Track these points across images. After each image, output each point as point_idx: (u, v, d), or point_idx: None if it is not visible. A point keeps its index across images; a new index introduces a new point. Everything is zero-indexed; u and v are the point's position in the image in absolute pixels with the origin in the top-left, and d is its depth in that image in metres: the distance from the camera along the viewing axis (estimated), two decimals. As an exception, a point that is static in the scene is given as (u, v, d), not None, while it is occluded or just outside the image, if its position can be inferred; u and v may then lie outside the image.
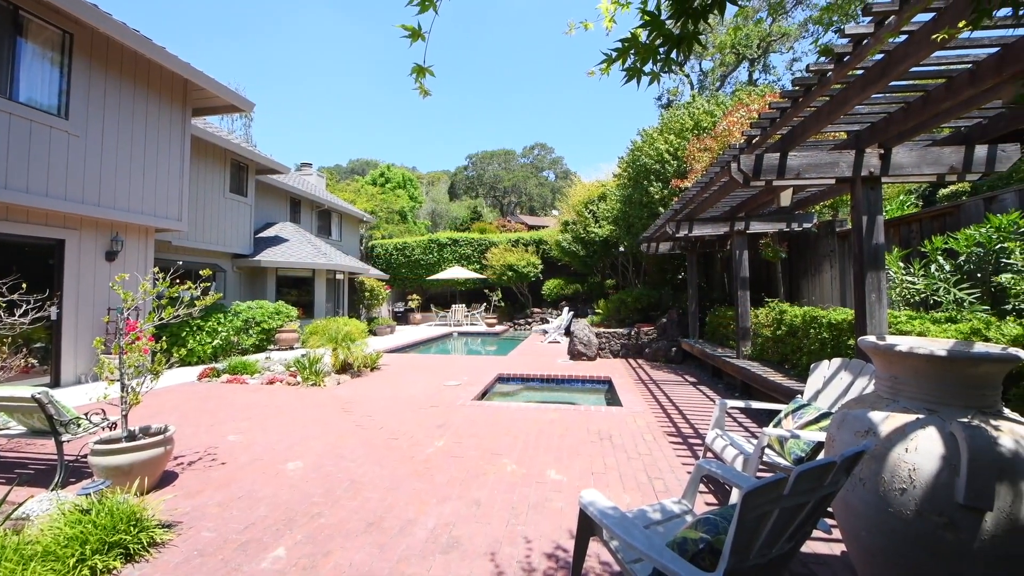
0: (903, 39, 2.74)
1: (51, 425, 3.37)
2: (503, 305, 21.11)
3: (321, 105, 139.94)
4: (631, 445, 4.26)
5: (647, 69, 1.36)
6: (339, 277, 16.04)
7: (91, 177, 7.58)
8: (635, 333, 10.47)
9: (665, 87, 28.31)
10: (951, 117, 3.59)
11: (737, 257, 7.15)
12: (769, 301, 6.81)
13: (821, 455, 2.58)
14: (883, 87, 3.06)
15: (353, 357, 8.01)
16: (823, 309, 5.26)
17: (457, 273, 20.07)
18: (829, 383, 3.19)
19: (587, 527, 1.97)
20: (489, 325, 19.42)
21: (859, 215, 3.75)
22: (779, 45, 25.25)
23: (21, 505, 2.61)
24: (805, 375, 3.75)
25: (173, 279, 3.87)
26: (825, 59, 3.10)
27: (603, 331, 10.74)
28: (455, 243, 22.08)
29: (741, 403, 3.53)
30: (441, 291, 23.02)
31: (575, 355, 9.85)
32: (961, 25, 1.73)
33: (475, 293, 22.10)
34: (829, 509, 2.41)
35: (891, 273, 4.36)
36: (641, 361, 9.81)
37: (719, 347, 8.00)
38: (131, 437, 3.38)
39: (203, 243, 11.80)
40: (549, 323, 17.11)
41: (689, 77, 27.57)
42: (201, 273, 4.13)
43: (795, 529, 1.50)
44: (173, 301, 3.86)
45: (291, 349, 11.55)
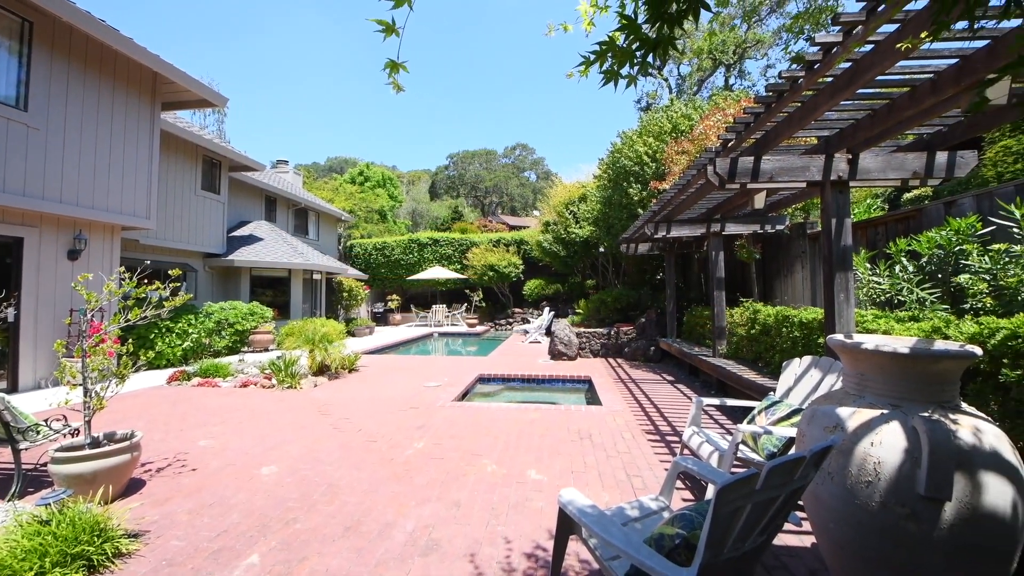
0: (870, 48, 2.84)
1: (7, 432, 3.21)
2: (484, 305, 21.07)
3: (298, 101, 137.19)
4: (610, 444, 4.31)
5: (624, 72, 1.38)
6: (316, 277, 15.75)
7: (52, 172, 7.24)
8: (615, 333, 10.59)
9: (644, 90, 28.75)
10: (914, 124, 3.74)
11: (713, 258, 7.31)
12: (744, 301, 6.98)
13: (793, 450, 2.65)
14: (851, 94, 3.17)
15: (331, 359, 7.87)
16: (795, 309, 5.42)
17: (438, 273, 19.94)
18: (800, 380, 3.28)
19: (566, 526, 1.98)
20: (470, 325, 19.35)
21: (828, 218, 3.88)
22: (754, 52, 25.93)
23: (-27, 517, 2.48)
24: (778, 373, 3.86)
25: (141, 279, 3.73)
26: (797, 66, 3.19)
27: (583, 331, 10.83)
28: (436, 243, 21.93)
29: (717, 401, 3.60)
30: (421, 291, 22.83)
31: (556, 355, 9.90)
32: (923, 36, 1.81)
33: (456, 293, 22.00)
34: (800, 502, 2.49)
35: (859, 274, 4.52)
36: (621, 360, 9.93)
37: (696, 346, 8.16)
38: (95, 444, 3.25)
39: (173, 242, 11.42)
40: (530, 323, 17.15)
41: (668, 81, 28.05)
42: (170, 273, 3.99)
43: (767, 522, 1.54)
44: (140, 302, 3.71)
45: (266, 351, 11.28)
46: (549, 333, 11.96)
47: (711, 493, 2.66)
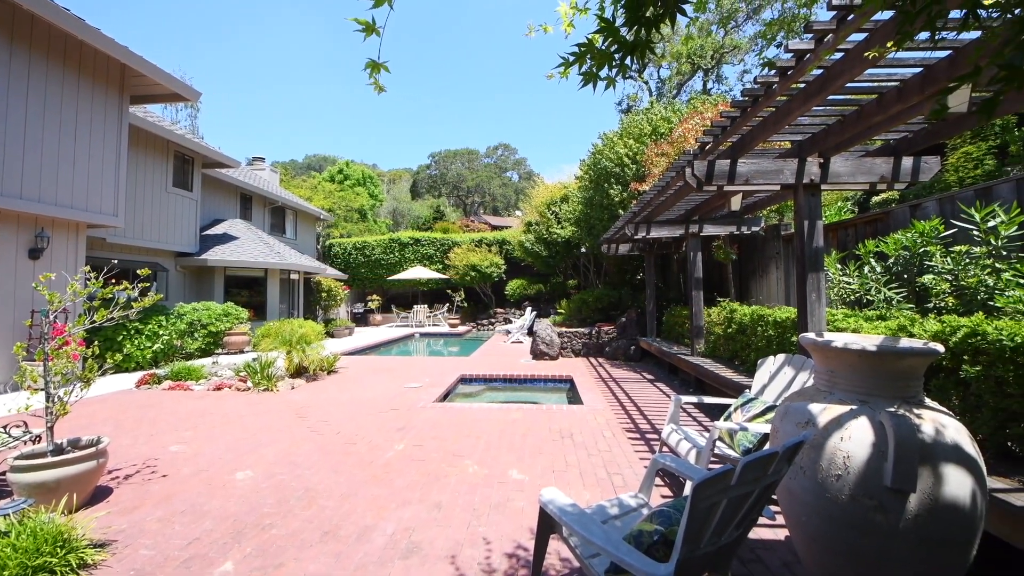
0: (840, 56, 2.94)
1: (-39, 440, 3.04)
2: (466, 305, 21.00)
3: (275, 97, 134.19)
4: (591, 442, 4.34)
5: (603, 74, 1.39)
6: (294, 277, 15.44)
7: (11, 167, 6.91)
8: (596, 332, 10.69)
9: (625, 93, 29.10)
10: (882, 130, 3.88)
11: (692, 258, 7.44)
12: (721, 301, 7.13)
13: (767, 446, 2.72)
14: (822, 100, 3.27)
15: (309, 360, 7.73)
16: (770, 308, 5.56)
17: (419, 273, 19.78)
18: (774, 378, 3.37)
19: (547, 525, 1.99)
20: (452, 326, 19.26)
21: (801, 220, 3.99)
22: (731, 57, 26.51)
23: (-77, 530, 2.35)
24: (753, 370, 3.95)
25: (107, 279, 3.59)
26: (771, 72, 3.28)
27: (565, 331, 10.89)
28: (417, 243, 21.75)
29: (695, 398, 3.67)
30: (403, 291, 22.61)
31: (538, 355, 9.93)
32: (889, 45, 1.88)
33: (438, 293, 21.86)
34: (774, 497, 2.55)
35: (830, 274, 4.67)
36: (602, 360, 10.03)
37: (675, 345, 8.30)
38: (58, 451, 3.11)
39: (143, 240, 11.03)
40: (512, 323, 17.17)
41: (648, 84, 28.45)
42: (139, 272, 3.86)
43: (742, 517, 1.58)
44: (107, 303, 3.57)
45: (241, 353, 11.00)
46: (531, 333, 11.99)
47: (689, 489, 2.71)
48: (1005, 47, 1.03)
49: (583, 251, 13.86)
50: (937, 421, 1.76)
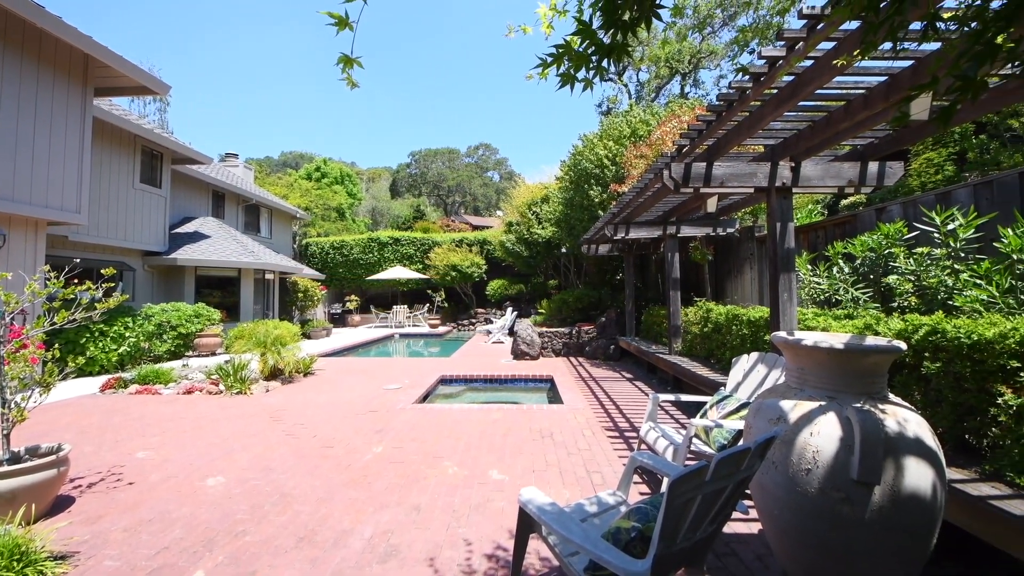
0: (810, 63, 3.03)
1: (-94, 450, 2.86)
2: (447, 306, 20.87)
3: (249, 92, 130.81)
4: (571, 441, 4.37)
5: (580, 76, 1.40)
6: (269, 277, 15.07)
7: (-37, 160, 6.55)
8: (576, 332, 10.76)
9: (605, 95, 29.40)
10: (849, 136, 4.02)
11: (669, 259, 7.57)
12: (698, 300, 7.27)
13: (741, 442, 2.78)
14: (793, 106, 3.37)
15: (284, 362, 7.55)
16: (744, 307, 5.70)
17: (399, 273, 19.56)
18: (748, 375, 3.45)
19: (526, 524, 1.99)
20: (432, 326, 19.11)
21: (774, 222, 4.11)
22: (708, 62, 27.09)
23: None
24: (728, 368, 4.05)
25: (69, 279, 3.43)
26: (745, 77, 3.36)
27: (546, 330, 10.94)
28: (397, 242, 21.52)
29: (672, 396, 3.73)
30: (382, 292, 22.33)
31: (518, 355, 9.94)
32: (856, 53, 1.94)
33: (418, 294, 21.67)
34: (747, 491, 2.61)
35: (801, 275, 4.81)
36: (582, 359, 10.11)
37: (653, 344, 8.43)
38: (14, 459, 2.96)
39: (107, 239, 10.60)
40: (493, 323, 17.15)
41: (627, 86, 28.82)
42: (103, 272, 3.70)
43: (717, 512, 1.61)
44: (69, 304, 3.42)
45: (213, 355, 10.68)
46: (512, 333, 12.00)
47: (665, 486, 2.76)
48: (960, 58, 1.08)
49: (564, 251, 13.94)
50: (900, 416, 1.83)
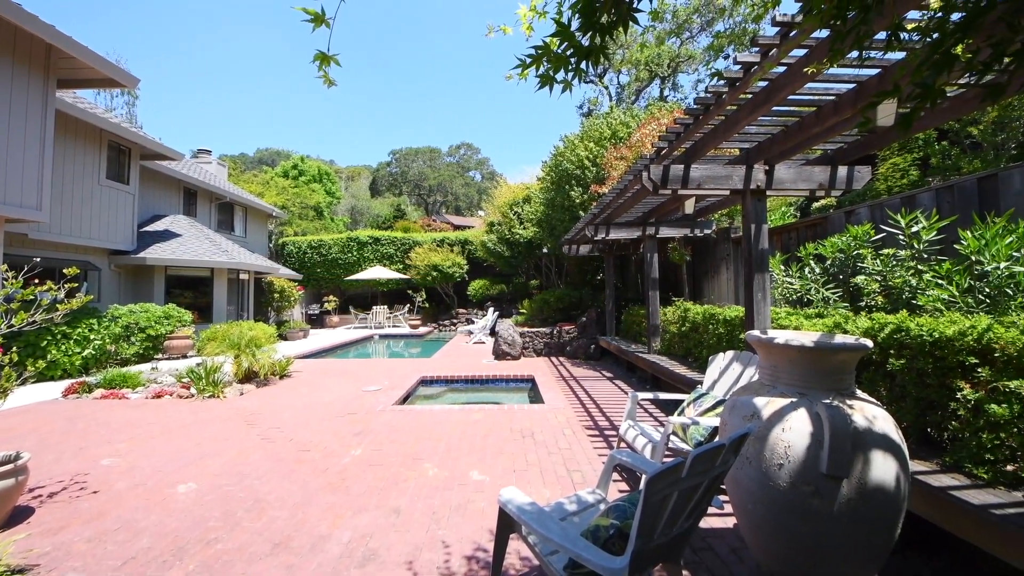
0: (783, 70, 3.12)
1: None
2: (427, 306, 20.72)
3: (223, 86, 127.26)
4: (552, 441, 4.39)
5: (559, 77, 1.41)
6: (243, 277, 14.70)
7: (-89, 153, 6.18)
8: (557, 332, 10.82)
9: (586, 96, 29.64)
10: (820, 141, 4.15)
11: (648, 259, 7.68)
12: (676, 300, 7.40)
13: (717, 438, 2.84)
14: (767, 111, 3.46)
15: (259, 364, 7.37)
16: (720, 307, 5.82)
17: (379, 273, 19.31)
18: (724, 373, 3.53)
19: (506, 525, 1.99)
20: (413, 327, 18.95)
21: (748, 223, 4.21)
22: (686, 67, 27.57)
23: None
24: (705, 367, 4.13)
25: (28, 278, 3.28)
26: (721, 82, 3.43)
27: (527, 330, 10.96)
28: (377, 242, 21.24)
29: (651, 395, 3.78)
30: (361, 292, 22.02)
31: (500, 355, 9.94)
32: (825, 61, 2.01)
33: (398, 294, 21.44)
34: (723, 487, 2.67)
35: (774, 275, 4.94)
36: (563, 359, 10.16)
37: (633, 343, 8.54)
38: (-33, 469, 2.81)
39: (71, 237, 10.16)
40: (474, 323, 17.10)
41: (608, 89, 29.12)
42: (66, 272, 3.54)
43: (693, 507, 1.64)
44: (28, 305, 3.26)
45: (184, 358, 10.35)
46: (493, 333, 11.99)
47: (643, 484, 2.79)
48: (920, 67, 1.12)
49: (545, 252, 14.01)
50: (867, 411, 1.90)
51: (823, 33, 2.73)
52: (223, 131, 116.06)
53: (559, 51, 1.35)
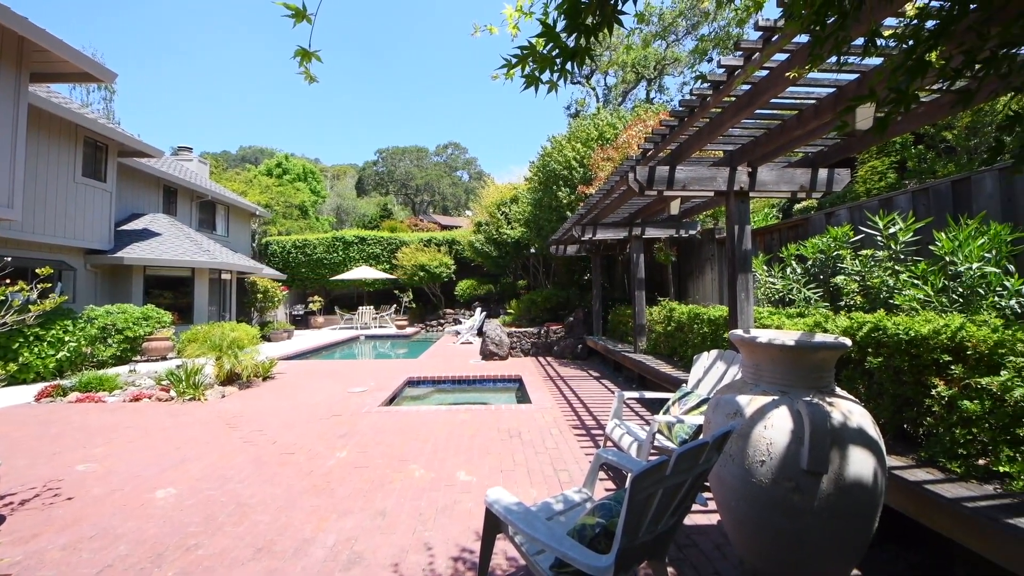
0: (765, 73, 3.17)
1: None
2: (414, 306, 20.59)
3: (205, 83, 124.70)
4: (539, 440, 4.39)
5: (545, 78, 1.41)
6: (225, 277, 14.43)
7: None
8: (544, 332, 10.84)
9: (574, 97, 29.80)
10: (802, 143, 4.23)
11: (635, 260, 7.75)
12: (661, 300, 7.47)
13: (701, 436, 2.88)
14: (750, 113, 3.52)
15: (241, 366, 7.23)
16: (705, 307, 5.90)
17: (365, 273, 19.12)
18: (708, 372, 3.58)
19: (493, 525, 1.98)
20: (399, 327, 18.81)
21: (732, 224, 4.27)
22: (672, 69, 27.90)
23: None
24: (690, 366, 4.18)
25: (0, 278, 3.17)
26: (705, 85, 3.48)
27: (514, 331, 10.97)
28: (363, 241, 21.03)
29: (636, 394, 3.81)
30: (347, 292, 21.78)
31: (487, 355, 9.92)
32: (806, 66, 2.05)
33: (384, 294, 21.27)
34: (707, 484, 2.70)
35: (757, 275, 5.03)
36: (550, 359, 10.19)
37: (619, 343, 8.60)
38: (-68, 476, 2.70)
39: (45, 236, 9.86)
40: (462, 324, 17.04)
41: (595, 90, 29.31)
42: (39, 272, 3.43)
43: (677, 505, 1.66)
44: (-2, 305, 3.16)
45: (164, 360, 10.12)
46: (481, 333, 11.96)
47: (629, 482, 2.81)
48: (895, 72, 1.15)
49: (532, 252, 14.02)
50: (845, 408, 1.94)
51: (804, 38, 2.79)
52: (205, 128, 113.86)
53: (545, 52, 1.35)
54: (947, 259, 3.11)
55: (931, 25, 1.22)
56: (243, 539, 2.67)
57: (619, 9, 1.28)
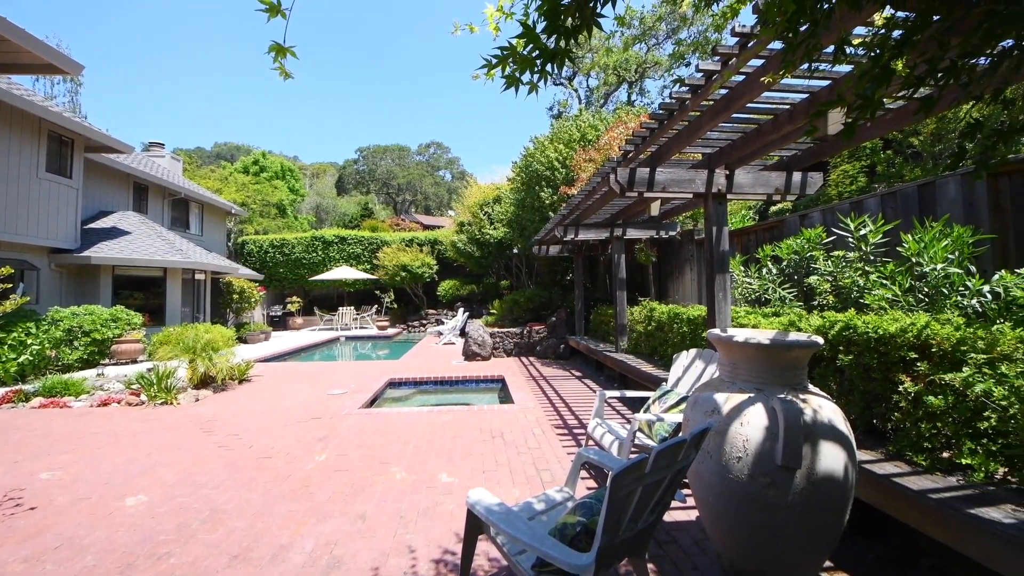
0: (742, 78, 3.24)
1: None
2: (396, 307, 20.38)
3: (177, 75, 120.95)
4: (521, 440, 4.40)
5: (525, 79, 1.41)
6: (199, 277, 14.03)
7: None
8: (527, 332, 10.87)
9: (556, 98, 30.00)
10: (776, 147, 4.35)
11: (616, 260, 7.83)
12: (642, 300, 7.57)
13: (680, 434, 2.92)
14: (727, 117, 3.59)
15: (216, 369, 7.05)
16: (684, 307, 6.00)
17: (345, 273, 18.84)
18: (687, 370, 3.64)
19: (475, 526, 1.98)
20: (381, 328, 18.58)
21: (710, 226, 4.35)
22: (653, 72, 28.29)
23: None
24: (670, 365, 4.25)
25: (-48, 278, 3.01)
26: (684, 88, 3.54)
27: (497, 331, 10.96)
28: (343, 241, 20.72)
29: (618, 393, 3.85)
30: (327, 293, 21.43)
31: (470, 356, 9.89)
32: (781, 72, 2.11)
33: (365, 294, 20.99)
34: (685, 481, 2.75)
35: (735, 275, 5.14)
36: (533, 359, 10.22)
37: (601, 343, 8.68)
38: None
39: (5, 234, 9.42)
40: (444, 324, 16.95)
41: (577, 91, 29.52)
42: (-2, 271, 3.28)
43: (657, 502, 1.68)
44: (-48, 307, 3.00)
45: (134, 363, 9.78)
46: (463, 334, 11.92)
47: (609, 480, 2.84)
48: (862, 79, 1.19)
49: (515, 252, 14.03)
50: (818, 405, 2.00)
51: (778, 45, 2.87)
52: (178, 124, 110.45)
53: (525, 53, 1.36)
54: (914, 260, 3.23)
55: (897, 35, 1.27)
56: (218, 546, 2.60)
57: (599, 12, 1.29)
